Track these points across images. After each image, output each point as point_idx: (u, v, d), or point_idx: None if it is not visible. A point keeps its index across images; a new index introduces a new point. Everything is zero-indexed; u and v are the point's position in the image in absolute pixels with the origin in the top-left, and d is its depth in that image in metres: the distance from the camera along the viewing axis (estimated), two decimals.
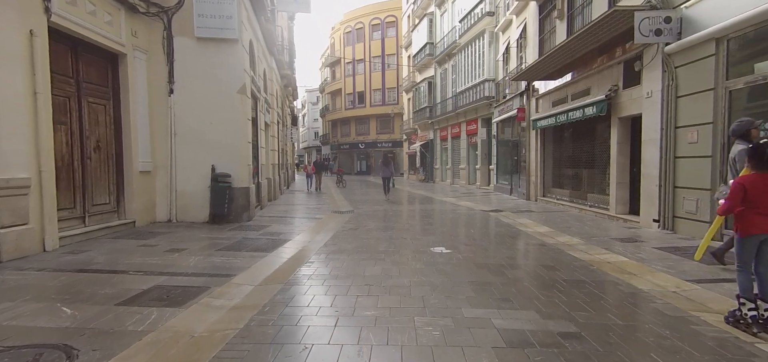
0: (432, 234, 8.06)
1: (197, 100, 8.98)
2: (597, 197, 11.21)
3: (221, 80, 9.03)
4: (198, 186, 8.99)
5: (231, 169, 9.10)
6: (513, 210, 12.26)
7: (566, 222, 9.49)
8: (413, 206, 13.96)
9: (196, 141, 9.01)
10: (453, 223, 9.75)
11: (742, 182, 3.31)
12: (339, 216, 10.71)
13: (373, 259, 5.86)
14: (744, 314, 3.30)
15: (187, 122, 8.98)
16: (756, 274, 3.36)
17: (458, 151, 25.15)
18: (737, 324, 3.37)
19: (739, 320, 3.37)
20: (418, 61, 30.42)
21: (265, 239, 7.40)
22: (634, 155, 9.58)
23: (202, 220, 9.06)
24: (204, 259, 5.75)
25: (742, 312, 3.32)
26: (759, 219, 3.25)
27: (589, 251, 6.40)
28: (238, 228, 8.45)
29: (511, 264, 5.60)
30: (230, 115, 9.11)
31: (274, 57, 15.39)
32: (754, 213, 3.26)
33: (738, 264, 3.41)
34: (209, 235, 7.66)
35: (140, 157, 8.38)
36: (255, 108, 11.75)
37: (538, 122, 13.88)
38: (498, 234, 8.26)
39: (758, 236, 3.28)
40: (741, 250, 3.38)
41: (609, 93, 9.70)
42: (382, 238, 7.57)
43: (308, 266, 5.52)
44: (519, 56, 16.93)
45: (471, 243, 7.17)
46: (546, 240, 7.44)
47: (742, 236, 3.36)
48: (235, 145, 9.18)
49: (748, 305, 3.28)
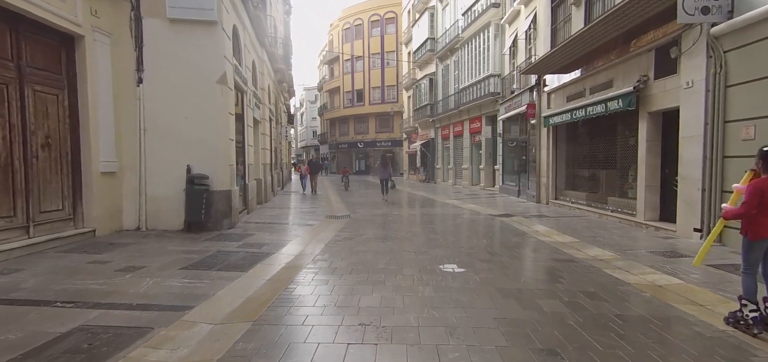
0: (439, 245, 6.95)
1: (171, 91, 7.86)
2: (619, 201, 10.11)
3: (198, 68, 7.91)
4: (171, 190, 7.88)
5: (210, 170, 7.99)
6: (524, 214, 11.16)
7: (589, 230, 8.40)
8: (415, 210, 12.85)
9: (169, 138, 7.90)
10: (461, 231, 8.65)
11: (760, 186, 3.27)
12: (333, 223, 9.60)
13: (370, 282, 4.75)
14: (745, 315, 3.32)
15: (159, 116, 7.87)
16: (765, 277, 3.36)
17: (461, 150, 24.03)
18: (737, 325, 3.38)
19: (739, 321, 3.38)
20: (418, 57, 29.29)
21: (244, 252, 6.29)
22: (665, 154, 8.49)
23: (177, 228, 7.95)
24: (160, 282, 4.64)
25: (743, 313, 3.34)
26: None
27: (630, 270, 5.30)
28: (215, 238, 7.35)
29: (544, 290, 4.49)
30: (209, 109, 8.00)
31: (265, 49, 14.28)
32: (767, 216, 3.24)
33: (744, 266, 3.41)
34: (179, 247, 6.55)
35: (102, 155, 7.27)
36: (241, 102, 10.64)
37: (551, 119, 12.78)
38: (515, 245, 7.16)
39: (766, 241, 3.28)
40: (749, 253, 3.38)
41: (637, 84, 8.59)
42: (382, 251, 6.46)
43: (288, 292, 4.42)
44: (527, 49, 15.82)
45: (487, 257, 6.06)
46: (573, 253, 6.34)
47: (753, 239, 3.33)
48: (214, 143, 8.07)
49: (750, 306, 3.30)
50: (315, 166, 20.08)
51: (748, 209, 3.28)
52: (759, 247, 3.32)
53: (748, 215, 3.30)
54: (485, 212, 11.73)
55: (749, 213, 3.28)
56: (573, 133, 13.01)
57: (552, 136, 13.40)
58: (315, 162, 20.91)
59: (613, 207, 10.17)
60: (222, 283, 4.65)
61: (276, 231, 8.44)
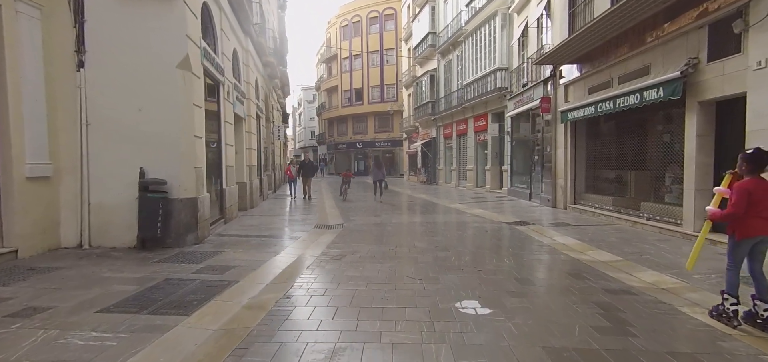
0: (450, 267, 5.51)
1: (121, 76, 6.44)
2: (656, 207, 8.68)
3: (154, 50, 6.49)
4: (122, 197, 6.45)
5: (169, 174, 6.56)
6: (542, 222, 9.73)
7: (628, 244, 6.97)
8: (417, 217, 11.41)
9: (119, 133, 6.48)
10: (474, 245, 7.21)
11: (747, 187, 3.36)
12: (323, 235, 8.16)
13: (362, 336, 3.32)
14: (727, 309, 3.49)
15: (106, 107, 6.45)
16: (752, 275, 3.47)
17: (464, 150, 22.60)
18: (720, 318, 3.53)
19: (721, 314, 3.53)
20: (419, 53, 27.88)
21: (200, 281, 4.85)
22: (720, 152, 7.07)
23: (128, 245, 6.52)
24: (55, 340, 3.20)
25: (725, 307, 3.51)
26: (759, 222, 3.36)
27: (711, 305, 3.86)
28: (172, 258, 5.91)
29: (616, 352, 3.05)
30: (168, 99, 6.57)
31: (250, 38, 12.83)
32: (754, 216, 3.35)
33: (730, 263, 3.54)
34: (119, 273, 5.11)
35: (29, 156, 5.84)
36: (217, 94, 9.21)
37: (569, 114, 11.35)
38: (546, 267, 5.73)
39: (755, 238, 3.40)
40: (735, 251, 3.49)
41: (685, 68, 7.17)
42: (378, 278, 5.02)
43: (239, 354, 2.99)
44: (539, 39, 14.42)
45: (516, 289, 4.62)
46: (625, 279, 4.91)
47: (740, 238, 3.43)
48: (175, 140, 6.63)
49: (731, 300, 3.47)
50: (308, 168, 17.00)
51: (737, 210, 3.36)
52: (745, 245, 3.44)
53: (737, 216, 3.38)
54: (497, 219, 10.29)
55: (738, 213, 3.36)
56: (594, 129, 11.59)
57: (570, 132, 11.98)
58: (308, 163, 17.61)
59: (648, 214, 8.73)
60: (145, 338, 3.22)
61: (253, 246, 7.00)
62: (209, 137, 8.39)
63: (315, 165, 17.91)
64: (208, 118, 8.41)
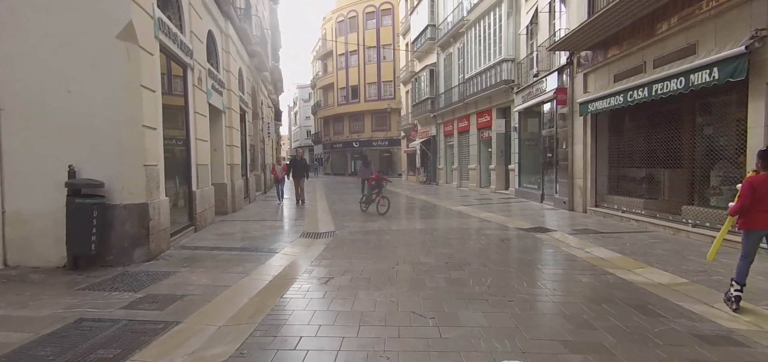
0: (473, 300, 4.13)
1: (42, 49, 5.05)
2: (702, 212, 7.36)
3: (85, 16, 5.09)
4: (47, 204, 5.06)
5: (108, 173, 5.16)
6: (563, 228, 8.38)
7: (681, 257, 5.64)
8: (419, 223, 10.03)
9: (41, 122, 5.09)
10: (493, 262, 5.82)
11: (752, 181, 3.59)
12: (309, 248, 6.79)
13: None
14: (731, 294, 3.66)
15: (24, 89, 5.05)
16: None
17: (467, 148, 21.23)
18: (728, 302, 3.70)
19: (729, 299, 3.70)
20: (417, 48, 26.49)
21: (126, 323, 3.46)
22: None
23: (57, 264, 5.12)
24: None
25: (730, 292, 3.70)
26: (762, 216, 3.59)
27: None
28: (107, 284, 4.51)
29: None
30: (106, 78, 5.16)
31: (230, 21, 11.41)
32: (757, 210, 3.59)
33: (742, 253, 3.72)
34: (19, 310, 3.72)
35: None
36: (183, 79, 7.81)
37: (591, 105, 10.02)
38: (596, 294, 4.36)
39: (760, 231, 3.64)
40: (746, 241, 3.72)
41: (751, 42, 5.83)
42: (375, 317, 3.65)
43: None
44: (551, 24, 13.08)
45: (574, 338, 3.25)
46: (711, 315, 3.57)
47: (745, 229, 3.69)
48: (114, 131, 5.22)
49: (736, 286, 3.64)
50: (300, 167, 14.11)
51: (742, 203, 3.61)
52: (754, 236, 3.67)
53: (743, 210, 3.63)
54: (511, 225, 8.94)
55: (744, 206, 3.60)
56: (618, 122, 10.29)
57: (591, 127, 10.66)
58: (300, 161, 14.51)
59: (693, 220, 7.40)
60: None
61: (219, 263, 5.60)
62: (172, 131, 7.00)
63: (307, 163, 15.61)
64: (171, 107, 7.02)
